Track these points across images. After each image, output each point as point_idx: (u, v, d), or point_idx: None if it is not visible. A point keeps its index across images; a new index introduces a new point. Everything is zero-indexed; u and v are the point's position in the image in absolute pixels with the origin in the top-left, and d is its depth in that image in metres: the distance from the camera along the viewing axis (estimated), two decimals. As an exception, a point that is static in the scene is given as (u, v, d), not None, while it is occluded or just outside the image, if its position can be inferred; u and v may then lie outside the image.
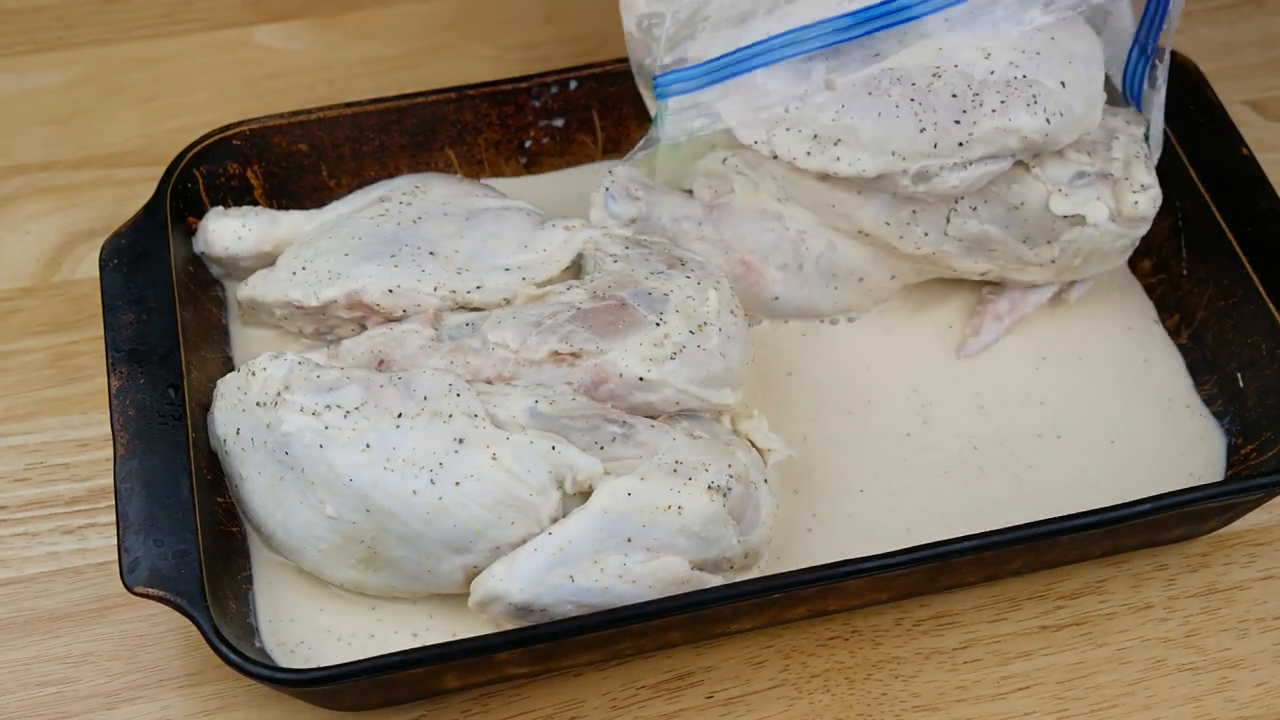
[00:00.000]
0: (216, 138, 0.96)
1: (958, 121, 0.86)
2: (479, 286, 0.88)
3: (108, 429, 0.91)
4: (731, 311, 0.87)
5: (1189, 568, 0.89)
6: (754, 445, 0.86)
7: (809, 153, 0.88)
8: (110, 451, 0.87)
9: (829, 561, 0.80)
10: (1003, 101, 0.86)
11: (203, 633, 0.76)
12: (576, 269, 0.90)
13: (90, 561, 0.90)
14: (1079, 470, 0.90)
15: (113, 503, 0.84)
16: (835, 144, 0.88)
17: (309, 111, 0.98)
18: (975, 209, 0.91)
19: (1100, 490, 0.89)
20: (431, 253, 0.88)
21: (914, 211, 0.90)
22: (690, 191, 0.94)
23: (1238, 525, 0.91)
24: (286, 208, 0.98)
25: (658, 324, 0.84)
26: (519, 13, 1.19)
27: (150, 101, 1.13)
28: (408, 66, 1.15)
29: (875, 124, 0.87)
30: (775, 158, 0.89)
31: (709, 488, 0.80)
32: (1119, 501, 0.83)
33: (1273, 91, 1.13)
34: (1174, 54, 1.00)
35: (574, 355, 0.83)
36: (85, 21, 1.18)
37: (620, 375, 0.83)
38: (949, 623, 0.87)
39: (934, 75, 0.87)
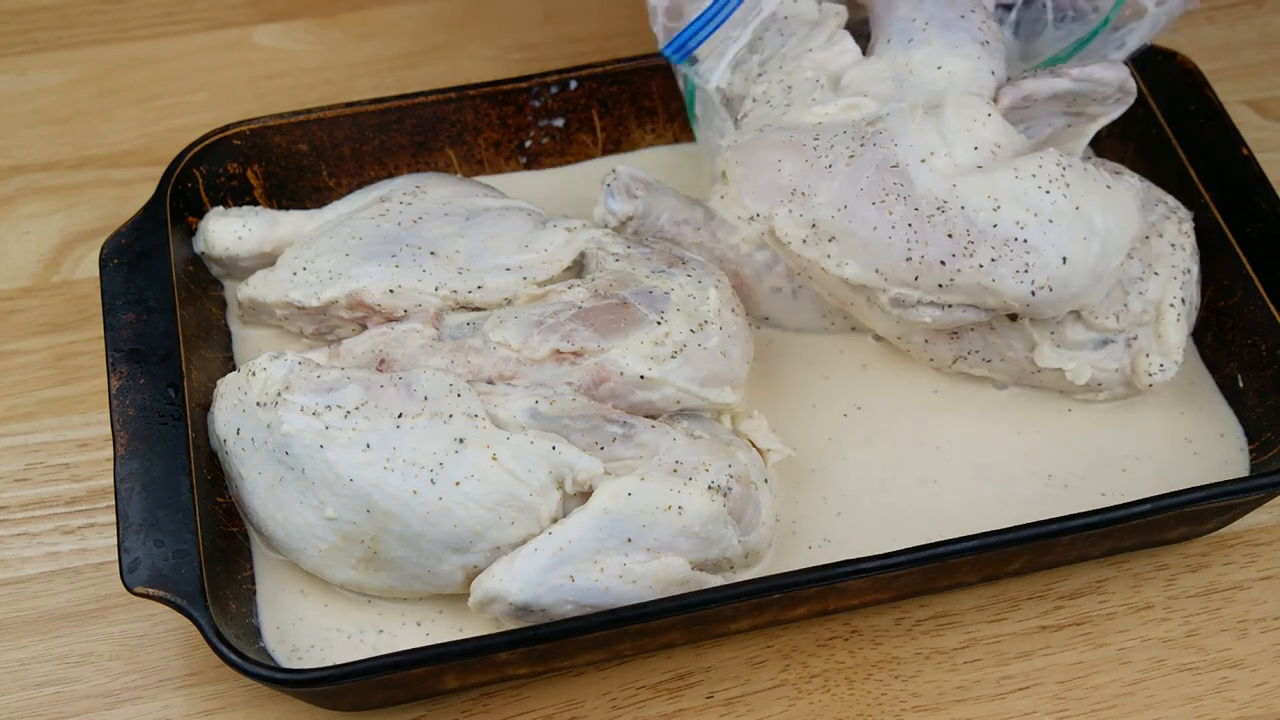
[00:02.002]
0: (216, 138, 0.96)
1: (943, 263, 0.84)
2: (480, 286, 0.88)
3: (108, 429, 0.91)
4: (732, 310, 0.87)
5: (1189, 568, 0.89)
6: (754, 445, 0.86)
7: (805, 240, 0.88)
8: (110, 451, 0.87)
9: (829, 561, 0.80)
10: (993, 259, 0.84)
11: (202, 633, 0.76)
12: (578, 268, 0.91)
13: (90, 561, 0.90)
14: (1080, 472, 0.90)
15: (113, 503, 0.84)
16: (830, 240, 0.87)
17: (309, 111, 0.98)
18: (988, 361, 0.91)
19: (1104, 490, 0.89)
20: (432, 253, 0.88)
21: (926, 341, 0.90)
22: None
23: (1238, 525, 0.91)
24: (286, 208, 0.98)
25: (659, 322, 0.84)
26: (519, 13, 1.19)
27: (150, 101, 1.13)
28: (408, 66, 1.15)
29: (869, 236, 0.85)
30: (773, 234, 0.89)
31: (709, 488, 0.80)
32: (1120, 501, 0.83)
33: (1273, 91, 1.13)
34: (1174, 54, 1.00)
35: (575, 354, 0.83)
36: (85, 21, 1.18)
37: (621, 374, 0.83)
38: (949, 623, 0.87)
39: (939, 208, 0.85)
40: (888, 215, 0.85)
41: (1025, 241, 0.84)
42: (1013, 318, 0.88)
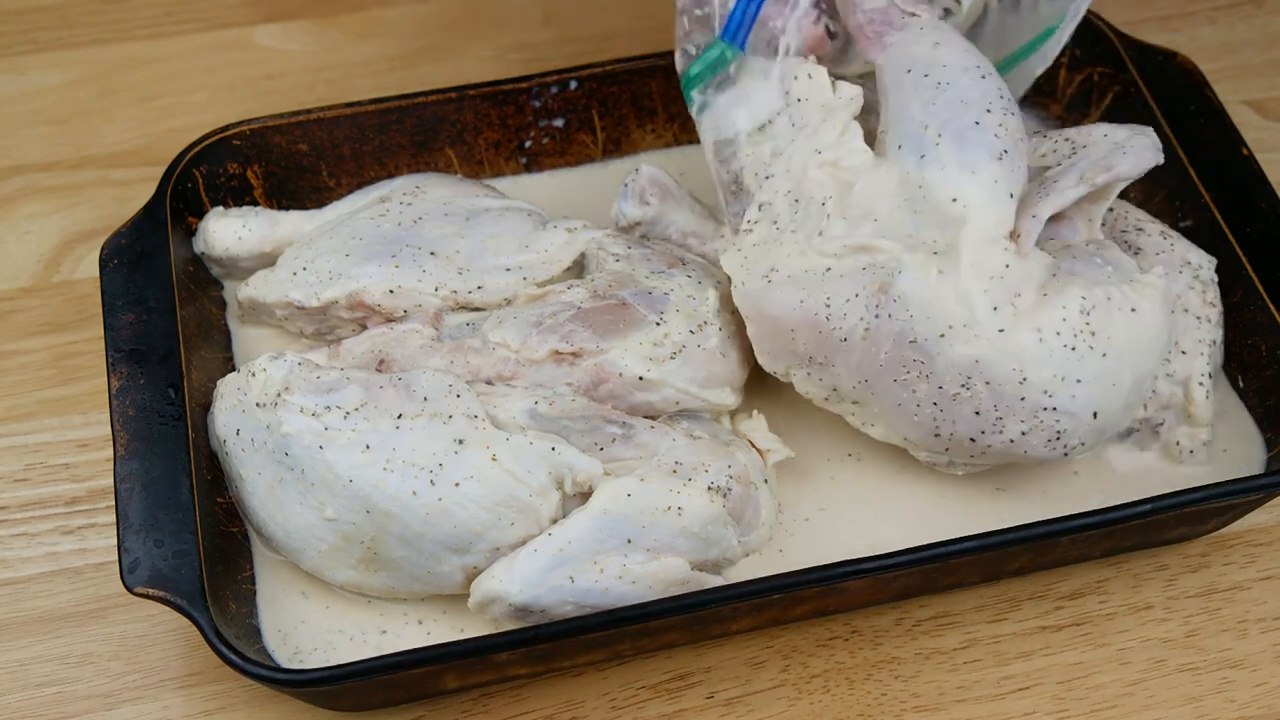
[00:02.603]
0: (216, 138, 0.96)
1: (973, 439, 0.81)
2: (480, 287, 0.88)
3: (108, 429, 0.91)
4: (732, 311, 0.87)
5: (1189, 568, 0.89)
6: (754, 446, 0.86)
7: (826, 399, 0.85)
8: (110, 451, 0.87)
9: (829, 562, 0.80)
10: (1024, 432, 0.81)
11: (202, 633, 0.76)
12: (578, 269, 0.91)
13: (90, 562, 0.90)
14: (1080, 472, 0.90)
15: (113, 503, 0.84)
16: (853, 403, 0.84)
17: (309, 111, 0.98)
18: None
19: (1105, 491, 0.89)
20: (432, 253, 0.88)
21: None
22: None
23: (1238, 525, 0.91)
24: (286, 208, 0.98)
25: (658, 323, 0.84)
26: (519, 13, 1.19)
27: (150, 101, 1.13)
28: (408, 66, 1.15)
29: (894, 411, 0.82)
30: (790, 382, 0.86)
31: (709, 488, 0.80)
32: (1120, 502, 0.83)
33: (1273, 91, 1.13)
34: (1174, 54, 1.00)
35: (574, 354, 0.83)
36: (85, 21, 1.18)
37: (620, 374, 0.83)
38: (949, 623, 0.87)
39: (963, 385, 0.80)
40: (911, 393, 0.81)
41: (1055, 410, 0.80)
42: None
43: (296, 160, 0.99)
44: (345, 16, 1.18)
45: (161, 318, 0.88)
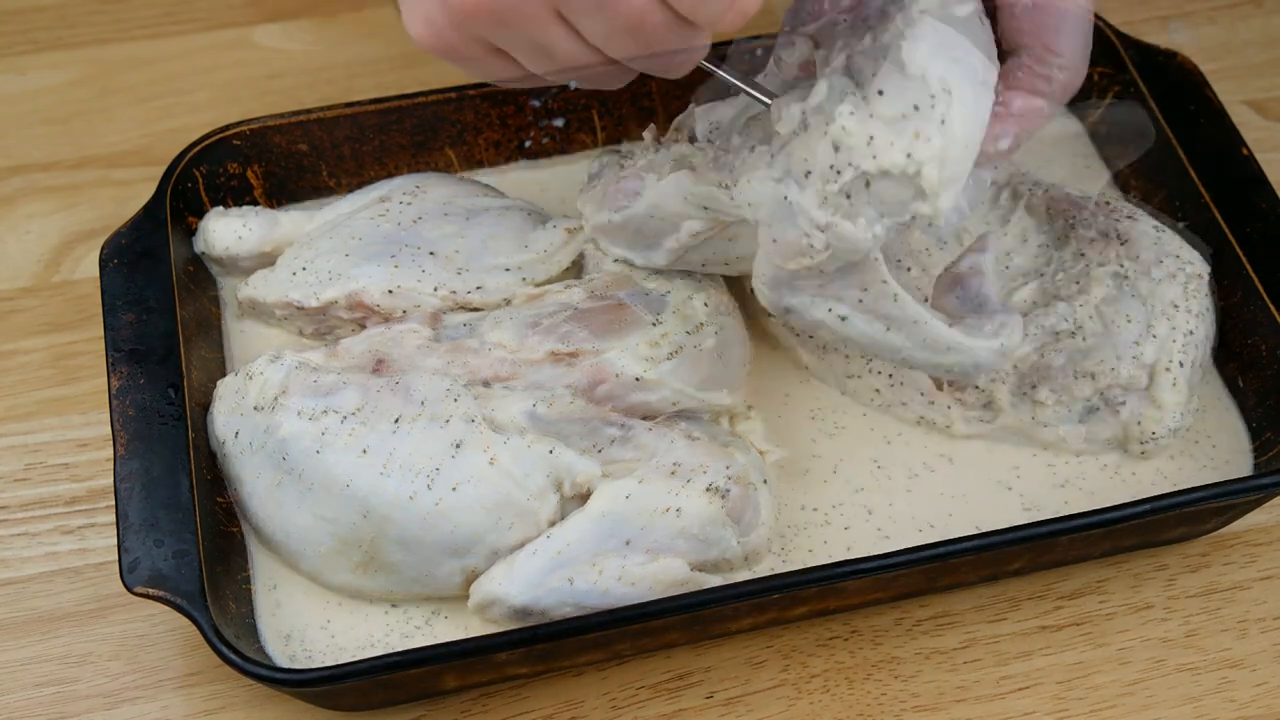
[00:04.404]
0: (216, 138, 0.96)
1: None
2: (479, 287, 0.88)
3: (108, 429, 0.91)
4: (730, 312, 0.87)
5: (1189, 568, 0.89)
6: (753, 446, 0.86)
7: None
8: (110, 451, 0.87)
9: (829, 561, 0.80)
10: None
11: (202, 633, 0.76)
12: (577, 269, 0.91)
13: (90, 561, 0.90)
14: (1080, 471, 0.90)
15: (113, 503, 0.84)
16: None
17: (309, 111, 0.98)
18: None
19: (1102, 491, 0.89)
20: (432, 253, 0.88)
21: (920, 420, 0.90)
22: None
23: (1237, 525, 0.91)
24: (286, 208, 0.98)
25: (655, 324, 0.84)
26: (519, 12, 1.19)
27: (150, 101, 1.13)
28: (408, 66, 1.15)
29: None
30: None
31: (707, 489, 0.80)
32: (1119, 502, 0.83)
33: (1273, 91, 1.13)
34: (1174, 54, 1.00)
35: (571, 355, 0.83)
36: (85, 21, 1.18)
37: (617, 375, 0.83)
38: (949, 623, 0.87)
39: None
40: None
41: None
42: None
43: (296, 160, 0.99)
44: (345, 16, 1.18)
45: (161, 318, 0.88)
